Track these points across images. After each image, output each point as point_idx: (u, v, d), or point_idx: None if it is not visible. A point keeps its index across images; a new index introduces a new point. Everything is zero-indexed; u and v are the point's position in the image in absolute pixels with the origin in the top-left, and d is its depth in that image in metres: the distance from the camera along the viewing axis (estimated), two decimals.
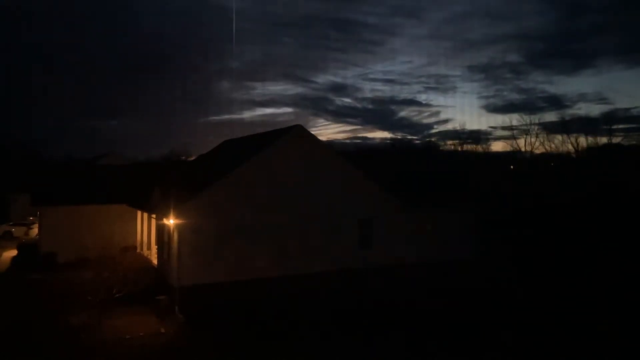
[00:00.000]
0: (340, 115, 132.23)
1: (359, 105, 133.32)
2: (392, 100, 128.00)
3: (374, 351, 17.15)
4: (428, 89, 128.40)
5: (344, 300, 22.52)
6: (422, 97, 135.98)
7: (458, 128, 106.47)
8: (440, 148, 71.59)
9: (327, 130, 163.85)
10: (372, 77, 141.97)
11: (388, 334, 18.77)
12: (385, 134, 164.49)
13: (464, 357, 16.87)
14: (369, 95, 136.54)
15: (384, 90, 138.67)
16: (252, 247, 22.75)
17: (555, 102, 77.78)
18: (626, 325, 20.22)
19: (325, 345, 17.72)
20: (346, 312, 21.25)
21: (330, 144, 62.54)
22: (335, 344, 17.87)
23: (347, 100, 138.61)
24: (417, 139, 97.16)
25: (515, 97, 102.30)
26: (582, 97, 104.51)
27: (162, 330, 19.01)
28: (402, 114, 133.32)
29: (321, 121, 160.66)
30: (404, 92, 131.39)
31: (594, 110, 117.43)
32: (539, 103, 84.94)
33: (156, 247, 26.93)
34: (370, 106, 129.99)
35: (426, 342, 18.02)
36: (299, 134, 24.75)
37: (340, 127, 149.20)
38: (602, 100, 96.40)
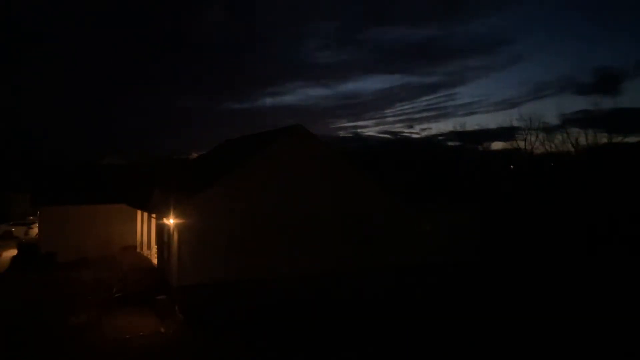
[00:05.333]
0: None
1: None
2: None
3: (372, 350, 17.16)
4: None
5: (344, 301, 22.52)
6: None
7: (458, 127, 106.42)
8: (441, 146, 71.62)
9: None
10: None
11: (384, 335, 18.80)
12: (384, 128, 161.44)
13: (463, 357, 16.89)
14: None
15: None
16: (252, 246, 22.72)
17: None
18: (626, 327, 20.23)
19: (325, 345, 17.73)
20: (347, 312, 21.26)
21: (332, 143, 62.44)
22: (335, 344, 17.88)
23: None
24: (415, 133, 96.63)
25: None
26: None
27: (162, 330, 19.02)
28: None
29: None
30: None
31: None
32: None
33: (156, 246, 26.94)
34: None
35: (423, 343, 18.03)
36: (298, 133, 24.74)
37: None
38: None
